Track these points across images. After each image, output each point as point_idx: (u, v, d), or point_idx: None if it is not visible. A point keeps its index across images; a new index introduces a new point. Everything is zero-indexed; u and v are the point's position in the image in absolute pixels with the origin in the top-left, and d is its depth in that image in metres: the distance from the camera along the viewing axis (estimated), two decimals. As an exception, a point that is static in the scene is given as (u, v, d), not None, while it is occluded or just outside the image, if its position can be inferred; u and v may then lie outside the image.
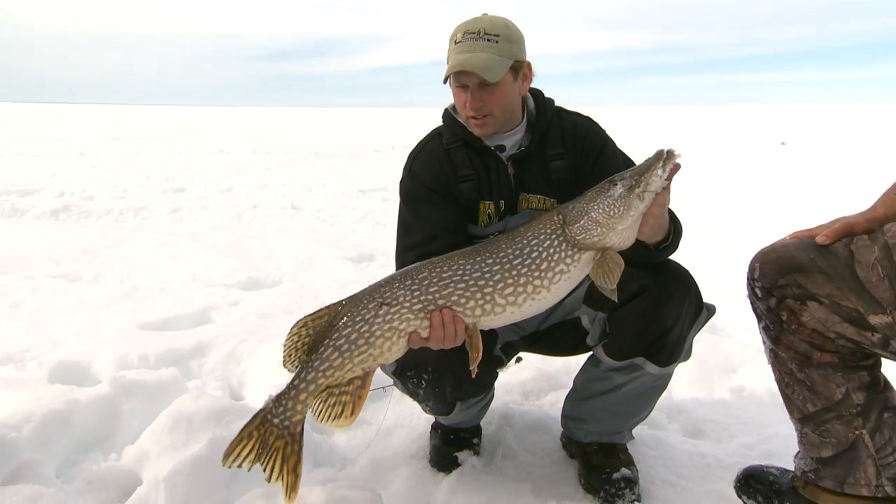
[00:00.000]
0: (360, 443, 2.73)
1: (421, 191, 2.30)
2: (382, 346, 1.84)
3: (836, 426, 1.98)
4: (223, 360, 3.49)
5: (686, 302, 2.16)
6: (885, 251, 1.87)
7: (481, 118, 2.20)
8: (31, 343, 3.67)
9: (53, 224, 7.91)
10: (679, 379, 3.24)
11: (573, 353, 2.51)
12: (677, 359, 2.23)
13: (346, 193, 10.41)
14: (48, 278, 5.13)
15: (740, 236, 7.19)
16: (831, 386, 1.96)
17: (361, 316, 1.83)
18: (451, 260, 1.89)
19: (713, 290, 4.40)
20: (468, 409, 2.45)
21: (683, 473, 2.44)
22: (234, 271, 5.42)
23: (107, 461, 2.57)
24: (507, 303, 1.87)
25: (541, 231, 1.88)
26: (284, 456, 1.80)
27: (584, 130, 2.34)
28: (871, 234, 1.94)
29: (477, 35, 2.14)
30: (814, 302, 1.91)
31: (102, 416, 2.75)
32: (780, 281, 1.96)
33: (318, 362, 1.82)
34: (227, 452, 1.80)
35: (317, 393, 1.81)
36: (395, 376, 2.27)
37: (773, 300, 1.98)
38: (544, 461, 2.53)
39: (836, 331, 1.90)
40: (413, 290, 1.85)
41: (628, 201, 1.81)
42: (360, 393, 1.82)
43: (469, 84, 2.15)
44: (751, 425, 2.81)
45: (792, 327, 1.97)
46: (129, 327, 3.96)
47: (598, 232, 1.83)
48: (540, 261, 1.85)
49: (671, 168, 1.80)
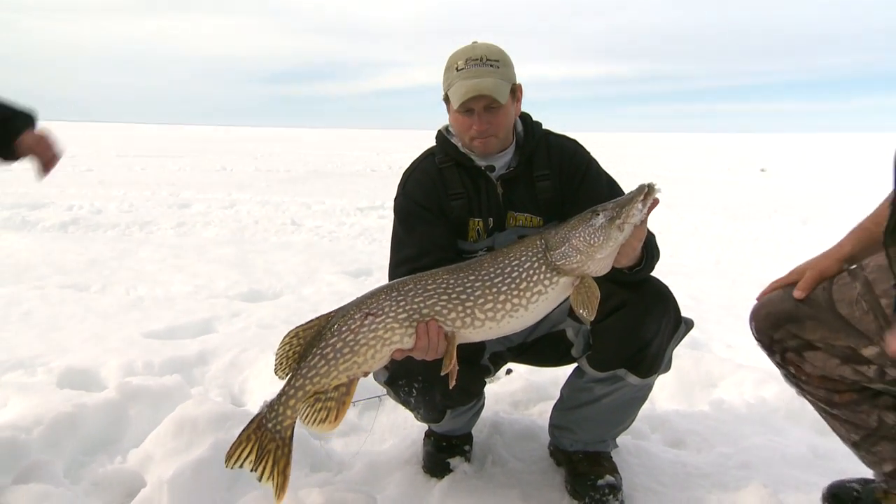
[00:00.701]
0: (357, 449, 2.74)
1: (413, 208, 2.33)
2: (366, 354, 1.88)
3: (884, 446, 2.01)
4: (225, 368, 3.49)
5: (665, 317, 2.19)
6: (866, 286, 1.92)
7: (486, 138, 2.24)
8: (41, 350, 3.67)
9: (63, 236, 7.89)
10: (661, 392, 3.27)
11: (559, 364, 2.53)
12: (657, 370, 2.26)
13: (344, 211, 10.44)
14: (57, 288, 5.13)
15: (721, 258, 7.25)
16: (863, 416, 1.99)
17: (347, 326, 1.88)
18: (435, 275, 1.94)
19: (695, 309, 4.47)
20: (458, 417, 2.47)
21: (665, 481, 2.46)
22: (236, 284, 5.43)
23: (112, 463, 2.57)
24: (486, 318, 1.90)
25: (523, 253, 1.92)
26: (276, 458, 1.85)
27: (570, 153, 2.37)
28: (850, 272, 1.99)
29: (480, 61, 2.20)
30: (810, 350, 1.96)
31: (109, 420, 2.76)
32: (775, 335, 2.01)
33: (306, 370, 1.86)
34: (228, 455, 1.86)
35: (305, 399, 1.86)
36: (387, 386, 2.29)
37: (777, 356, 2.04)
38: (532, 468, 2.54)
39: (838, 374, 1.94)
40: (399, 301, 1.89)
41: (608, 231, 1.85)
42: (345, 399, 1.86)
43: (475, 108, 2.19)
44: (729, 436, 2.83)
45: (803, 378, 2.01)
46: (134, 336, 3.96)
47: (578, 259, 1.87)
48: (520, 281, 1.89)
49: (651, 202, 1.85)
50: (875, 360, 1.88)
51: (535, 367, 2.85)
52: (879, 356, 1.87)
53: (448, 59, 2.28)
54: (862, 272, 1.97)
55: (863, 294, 1.92)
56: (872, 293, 1.90)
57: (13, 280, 5.36)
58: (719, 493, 2.38)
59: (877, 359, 1.88)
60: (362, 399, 3.06)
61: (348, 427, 2.89)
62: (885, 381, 1.91)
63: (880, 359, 1.87)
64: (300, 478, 2.44)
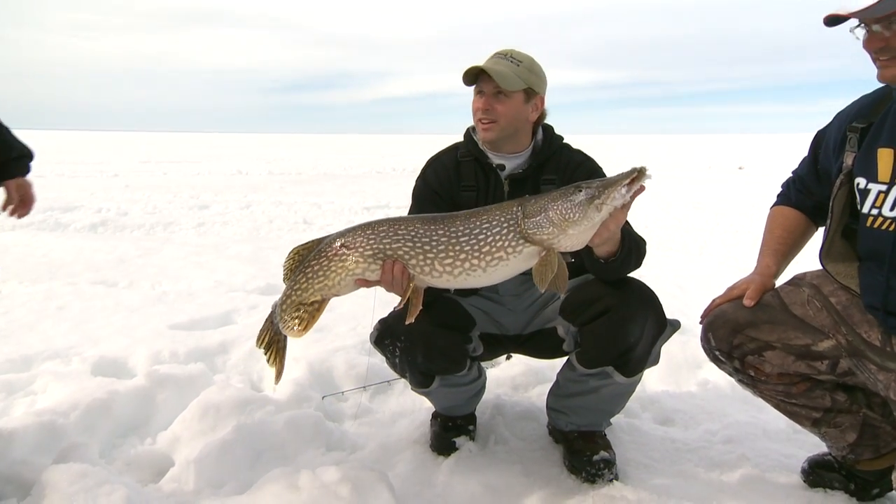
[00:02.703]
0: (369, 430, 2.75)
1: (427, 191, 2.40)
2: (334, 279, 1.96)
3: (843, 418, 2.05)
4: (244, 357, 3.49)
5: (648, 322, 2.15)
6: (813, 289, 2.01)
7: (487, 122, 2.26)
8: (75, 341, 3.67)
9: (92, 237, 7.89)
10: (650, 373, 3.24)
11: (554, 357, 2.52)
12: (642, 370, 2.25)
13: (352, 210, 10.43)
14: (89, 284, 5.13)
15: (704, 249, 7.24)
16: (818, 400, 2.03)
17: (325, 252, 1.97)
18: (410, 222, 1.96)
19: (681, 296, 4.45)
20: (454, 392, 2.42)
21: (655, 456, 2.47)
22: (253, 278, 5.42)
23: (143, 444, 2.59)
24: (444, 271, 1.91)
25: (496, 217, 1.88)
26: (277, 349, 2.08)
27: (578, 162, 2.37)
28: (791, 283, 2.08)
29: (503, 56, 2.26)
30: (769, 350, 1.98)
31: (139, 405, 2.77)
32: (734, 341, 2.02)
33: (293, 283, 2.01)
34: (258, 337, 2.10)
35: (291, 307, 2.02)
36: (375, 345, 2.32)
37: (736, 361, 2.04)
38: (532, 446, 2.54)
39: (794, 369, 1.98)
40: (370, 239, 1.94)
41: (586, 209, 1.77)
42: (315, 314, 2.01)
43: (486, 90, 2.24)
44: (714, 414, 2.84)
45: (762, 379, 2.03)
46: (161, 327, 3.96)
47: (550, 231, 1.81)
48: (483, 244, 1.87)
49: (636, 189, 1.77)
50: (829, 353, 1.94)
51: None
52: (834, 349, 1.93)
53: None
54: (804, 280, 2.06)
55: (813, 295, 2.00)
56: (821, 294, 1.99)
57: (48, 277, 5.36)
58: (706, 466, 2.39)
59: (830, 351, 1.94)
60: (373, 384, 3.07)
61: (361, 410, 2.90)
62: (835, 374, 1.96)
63: (835, 351, 1.93)
64: (317, 457, 2.45)
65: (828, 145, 2.06)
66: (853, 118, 1.96)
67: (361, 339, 3.53)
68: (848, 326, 1.92)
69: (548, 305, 2.42)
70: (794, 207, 2.23)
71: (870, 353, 1.88)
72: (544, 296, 2.40)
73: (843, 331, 1.92)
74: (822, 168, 2.10)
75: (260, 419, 2.57)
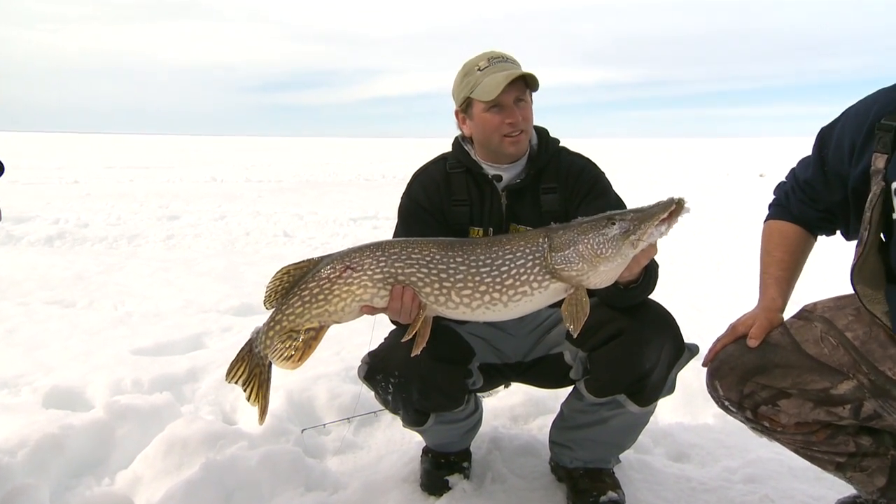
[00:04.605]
0: (353, 467, 2.72)
1: (414, 208, 2.38)
2: (337, 304, 1.93)
3: (869, 461, 2.02)
4: (216, 386, 3.46)
5: (664, 347, 2.14)
6: (826, 324, 1.96)
7: (518, 134, 2.25)
8: (25, 368, 3.63)
9: (48, 251, 7.85)
10: (664, 404, 3.23)
11: (560, 386, 2.50)
12: (657, 398, 2.24)
13: (337, 221, 10.42)
14: (43, 304, 5.10)
15: (722, 265, 7.25)
16: (841, 446, 2.00)
17: (327, 274, 1.92)
18: (425, 245, 1.93)
19: (697, 318, 4.45)
20: (449, 429, 2.42)
21: (669, 497, 2.45)
22: (227, 297, 5.40)
23: (100, 486, 2.55)
24: (461, 302, 1.89)
25: (520, 248, 1.87)
26: (260, 382, 2.00)
27: (579, 168, 2.37)
28: (800, 317, 2.02)
29: (503, 59, 2.26)
30: (784, 399, 1.94)
31: (96, 441, 2.73)
32: (744, 390, 1.98)
33: (286, 307, 1.95)
34: (228, 371, 2.02)
35: (281, 333, 1.97)
36: (366, 381, 2.30)
37: (748, 412, 2.00)
38: (533, 485, 2.52)
39: (813, 417, 1.94)
40: (380, 261, 1.91)
41: (620, 246, 1.75)
42: (311, 343, 1.96)
43: (507, 102, 2.20)
44: (733, 449, 2.82)
45: (778, 429, 2.00)
46: (123, 353, 3.93)
47: (580, 267, 1.79)
48: (507, 276, 1.86)
49: (674, 223, 1.74)
50: (849, 398, 1.89)
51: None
52: (856, 390, 1.88)
53: (463, 67, 2.31)
54: (814, 313, 2.01)
55: (826, 332, 1.95)
56: (836, 329, 1.94)
57: (-3, 296, 5.32)
58: (725, 508, 2.37)
59: (852, 393, 1.89)
60: (358, 415, 3.04)
61: (344, 444, 2.87)
62: (860, 418, 1.92)
63: (857, 392, 1.88)
64: (295, 497, 2.42)
65: (840, 145, 1.99)
66: (881, 114, 1.87)
67: (345, 365, 3.51)
68: (869, 364, 1.87)
69: (552, 329, 2.40)
70: (795, 221, 2.17)
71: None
72: (550, 319, 2.39)
73: (865, 369, 1.87)
74: (830, 170, 2.03)
75: (232, 455, 2.55)
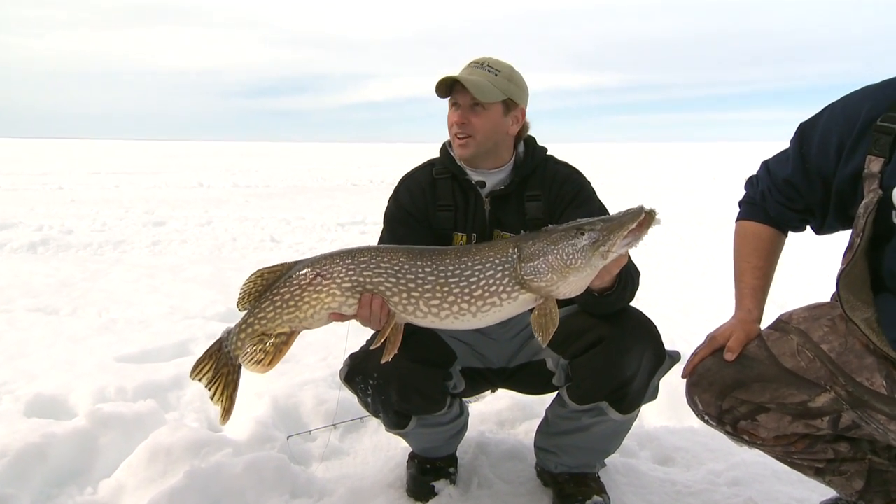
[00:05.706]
0: (339, 473, 2.72)
1: (399, 213, 2.40)
2: (307, 311, 1.94)
3: (848, 465, 2.04)
4: (202, 393, 3.43)
5: (645, 355, 2.15)
6: (802, 336, 1.96)
7: (464, 137, 2.27)
8: (7, 377, 3.59)
9: (31, 258, 7.77)
10: (650, 408, 3.24)
11: (544, 392, 2.52)
12: (639, 405, 2.25)
13: (324, 226, 10.41)
14: (25, 312, 5.05)
15: (707, 269, 7.29)
16: (820, 453, 2.02)
17: (298, 281, 1.94)
18: (394, 253, 1.95)
19: (683, 322, 4.48)
20: (432, 431, 2.41)
21: (654, 500, 2.46)
22: (213, 303, 5.37)
23: (83, 495, 2.52)
24: (429, 312, 1.91)
25: (490, 258, 1.87)
26: (226, 383, 2.01)
27: (564, 177, 2.39)
28: (776, 328, 2.03)
29: (480, 65, 2.27)
30: (762, 413, 1.96)
31: (79, 449, 2.70)
32: (723, 405, 1.99)
33: (258, 311, 1.99)
34: (193, 368, 2.03)
35: (253, 336, 1.99)
36: (346, 383, 2.31)
37: (728, 426, 2.02)
38: (519, 490, 2.53)
39: (791, 430, 1.97)
40: (349, 270, 1.92)
41: (589, 256, 1.75)
42: (282, 348, 1.99)
43: (461, 103, 2.25)
44: (718, 453, 2.84)
45: (758, 443, 2.02)
46: (107, 360, 3.90)
47: (549, 278, 1.80)
48: (476, 287, 1.87)
49: (644, 234, 1.74)
50: (828, 409, 1.90)
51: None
52: (834, 402, 1.89)
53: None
54: (790, 324, 2.01)
55: (803, 344, 1.95)
56: (811, 341, 1.95)
57: (-22, 304, 5.26)
58: (710, 511, 2.38)
59: (830, 406, 1.90)
60: (344, 421, 3.04)
61: (330, 451, 2.86)
62: (838, 429, 1.94)
63: (835, 405, 1.89)
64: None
65: (825, 142, 1.93)
66: (874, 113, 1.81)
67: (332, 371, 3.50)
68: (846, 376, 1.87)
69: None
70: (771, 224, 2.14)
71: (876, 403, 1.84)
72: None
73: (842, 381, 1.87)
74: (812, 167, 1.98)
75: (216, 463, 2.53)
